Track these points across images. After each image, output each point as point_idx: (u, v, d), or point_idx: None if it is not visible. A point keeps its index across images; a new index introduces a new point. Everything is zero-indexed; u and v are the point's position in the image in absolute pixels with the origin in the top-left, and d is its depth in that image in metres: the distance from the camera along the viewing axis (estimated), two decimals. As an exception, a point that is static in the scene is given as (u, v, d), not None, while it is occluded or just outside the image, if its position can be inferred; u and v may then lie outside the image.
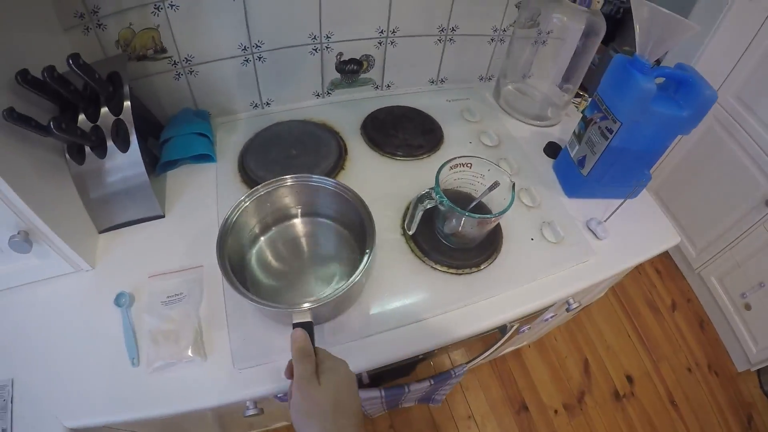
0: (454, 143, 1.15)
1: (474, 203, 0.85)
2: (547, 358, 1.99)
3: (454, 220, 0.84)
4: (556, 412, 1.83)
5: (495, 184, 0.82)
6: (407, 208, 0.96)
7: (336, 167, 1.02)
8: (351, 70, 1.20)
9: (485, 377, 1.89)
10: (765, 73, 1.77)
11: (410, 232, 0.87)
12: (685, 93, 0.89)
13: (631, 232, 1.03)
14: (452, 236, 0.88)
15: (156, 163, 0.96)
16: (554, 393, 1.89)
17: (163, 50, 0.94)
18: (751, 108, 1.85)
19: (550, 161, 1.17)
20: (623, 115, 0.90)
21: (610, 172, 1.01)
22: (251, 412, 0.83)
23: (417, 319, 0.81)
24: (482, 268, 0.89)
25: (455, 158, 0.85)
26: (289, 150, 1.04)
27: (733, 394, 2.02)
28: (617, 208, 1.01)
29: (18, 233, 0.69)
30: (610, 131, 0.94)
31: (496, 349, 1.12)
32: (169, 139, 0.97)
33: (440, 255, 0.88)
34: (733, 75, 1.89)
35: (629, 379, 1.98)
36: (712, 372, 2.08)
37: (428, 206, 0.80)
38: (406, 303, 0.82)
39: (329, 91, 1.23)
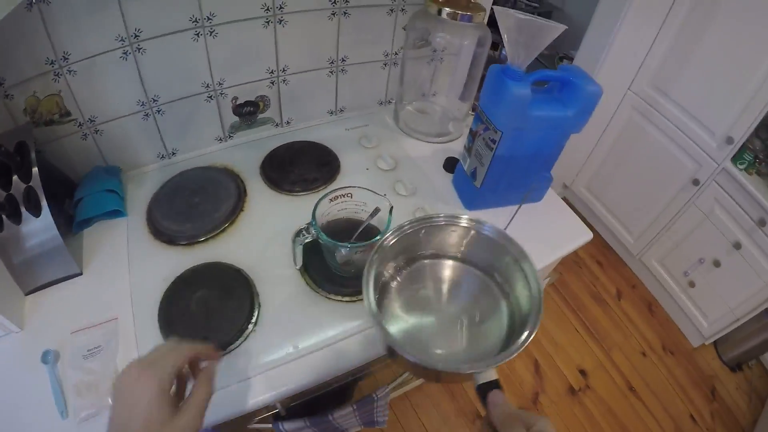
0: (351, 171, 1.29)
1: (358, 231, 0.98)
2: (495, 365, 2.17)
3: (342, 250, 0.96)
4: (512, 416, 2.01)
5: (375, 211, 0.96)
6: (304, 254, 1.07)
7: (235, 210, 1.15)
8: (248, 112, 1.33)
9: (434, 392, 2.03)
10: (674, 58, 2.03)
11: (297, 267, 0.99)
12: (569, 92, 1.00)
13: (539, 235, 1.13)
14: (346, 265, 1.00)
15: (73, 223, 1.06)
16: (507, 398, 2.06)
17: (68, 113, 1.04)
18: (665, 92, 2.09)
19: (449, 176, 1.32)
20: (502, 124, 1.02)
21: (504, 180, 1.14)
22: None
23: (315, 349, 0.92)
24: None
25: (334, 190, 0.97)
26: (192, 199, 1.15)
27: (692, 370, 2.23)
28: (514, 214, 1.11)
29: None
30: (494, 141, 1.05)
31: None
32: (81, 198, 1.07)
33: (333, 285, 1.00)
34: (645, 65, 2.15)
35: (582, 372, 2.17)
36: (668, 352, 2.29)
37: (306, 240, 0.92)
38: (302, 334, 0.94)
39: (230, 135, 1.35)
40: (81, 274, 1.01)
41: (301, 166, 1.28)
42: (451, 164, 1.35)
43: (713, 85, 1.92)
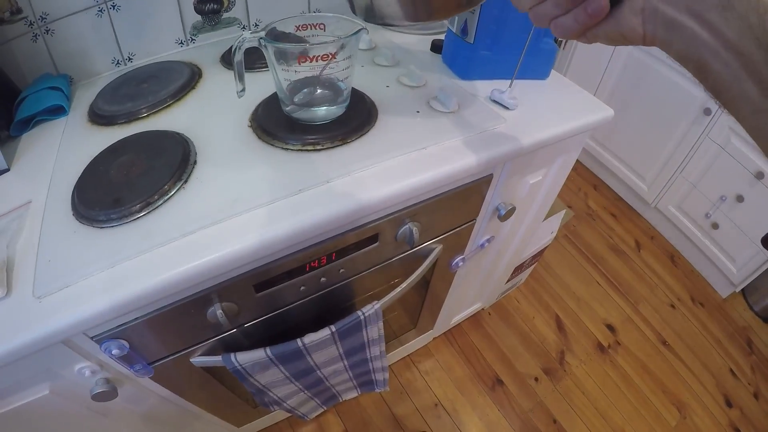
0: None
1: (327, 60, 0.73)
2: (512, 323, 1.88)
3: (305, 89, 0.76)
4: (536, 379, 1.71)
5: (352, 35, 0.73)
6: (257, 107, 0.89)
7: (185, 87, 0.97)
8: (211, 10, 1.14)
9: (445, 356, 1.75)
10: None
11: (239, 91, 0.77)
12: None
13: (550, 104, 0.96)
14: (306, 108, 0.80)
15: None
16: (530, 359, 1.77)
17: (19, 11, 0.92)
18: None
19: (438, 57, 1.09)
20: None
21: (501, 33, 0.93)
22: (98, 389, 0.73)
23: (262, 204, 0.71)
24: (350, 141, 0.80)
25: (302, 17, 0.77)
26: (141, 85, 0.99)
27: (725, 322, 1.96)
28: (517, 68, 0.93)
29: None
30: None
31: (421, 286, 1.00)
32: (24, 98, 0.95)
33: (292, 133, 0.79)
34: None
35: (610, 328, 1.89)
36: (697, 303, 2.01)
37: (248, 44, 0.71)
38: (249, 190, 0.73)
39: (193, 37, 1.16)
40: (8, 170, 0.86)
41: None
42: (438, 47, 1.12)
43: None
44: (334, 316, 0.89)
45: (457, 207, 0.93)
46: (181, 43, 1.16)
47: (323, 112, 0.80)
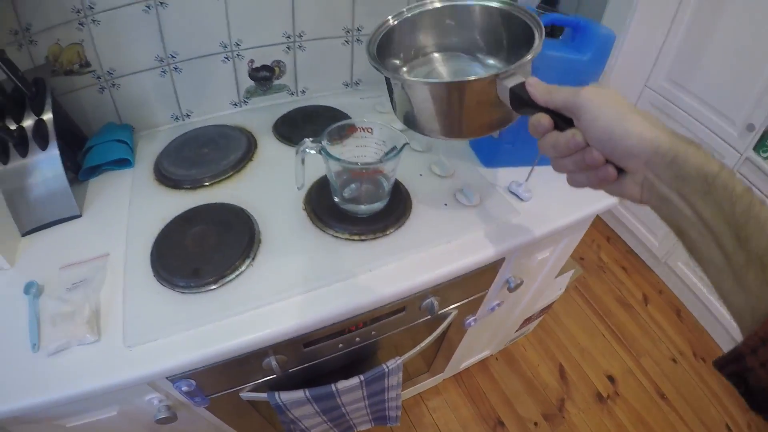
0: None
1: (370, 165, 0.91)
2: (517, 369, 2.01)
3: (352, 184, 0.91)
4: (536, 424, 1.84)
5: (392, 150, 0.88)
6: (310, 190, 1.04)
7: (243, 159, 1.12)
8: (264, 77, 1.30)
9: (453, 396, 1.89)
10: (688, 50, 1.94)
11: (298, 186, 0.92)
12: (582, 38, 0.95)
13: (560, 194, 1.08)
14: (354, 202, 0.94)
15: (80, 170, 1.06)
16: (531, 404, 1.90)
17: (88, 64, 1.06)
18: (683, 86, 2.00)
19: (465, 141, 1.23)
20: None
21: (523, 129, 1.04)
22: (162, 415, 0.87)
23: (318, 287, 0.85)
24: (389, 233, 0.94)
25: (350, 122, 0.92)
26: (201, 149, 1.14)
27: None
28: (535, 162, 1.06)
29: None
30: (510, 81, 1.00)
31: (437, 340, 1.15)
32: (91, 147, 1.07)
33: (340, 223, 0.94)
34: (660, 60, 2.07)
35: (611, 379, 2.01)
36: (699, 359, 2.11)
37: (309, 152, 0.85)
38: (305, 272, 0.87)
39: (246, 100, 1.33)
40: (80, 216, 0.99)
41: (315, 124, 1.24)
42: (467, 128, 1.24)
43: (730, 73, 1.81)
44: (361, 364, 1.07)
45: (472, 283, 1.09)
46: (235, 104, 1.32)
47: (365, 207, 0.95)
